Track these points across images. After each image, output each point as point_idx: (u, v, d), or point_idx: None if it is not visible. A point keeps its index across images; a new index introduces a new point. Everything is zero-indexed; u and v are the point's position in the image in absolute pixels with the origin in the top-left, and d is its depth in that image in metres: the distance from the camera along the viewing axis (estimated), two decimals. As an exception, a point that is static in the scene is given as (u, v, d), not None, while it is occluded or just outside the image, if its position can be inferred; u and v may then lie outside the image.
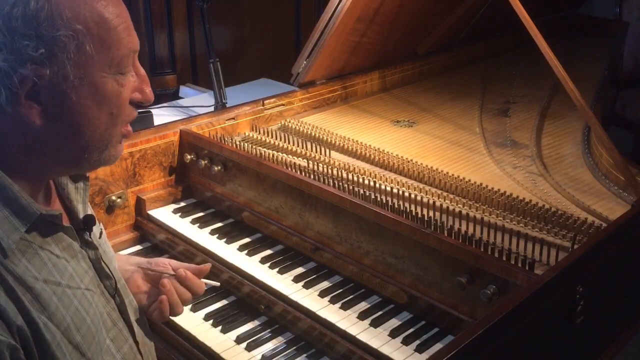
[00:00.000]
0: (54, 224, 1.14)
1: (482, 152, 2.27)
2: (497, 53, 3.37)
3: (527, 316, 1.41)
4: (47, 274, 1.11)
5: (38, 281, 1.08)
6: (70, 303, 1.13)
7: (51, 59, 1.02)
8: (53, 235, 1.14)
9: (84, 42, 1.04)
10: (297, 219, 1.93)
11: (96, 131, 1.11)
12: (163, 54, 3.91)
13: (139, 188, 2.14)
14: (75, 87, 1.06)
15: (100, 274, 1.25)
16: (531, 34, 1.98)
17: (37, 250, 1.11)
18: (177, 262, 1.49)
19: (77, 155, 1.13)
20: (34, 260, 1.09)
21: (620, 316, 1.97)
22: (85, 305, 1.16)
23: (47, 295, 1.09)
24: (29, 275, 1.07)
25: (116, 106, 1.12)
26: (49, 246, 1.13)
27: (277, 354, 1.63)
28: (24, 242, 1.09)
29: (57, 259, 1.14)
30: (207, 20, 2.62)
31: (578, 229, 1.74)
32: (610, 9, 4.37)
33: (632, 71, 4.19)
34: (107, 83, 1.09)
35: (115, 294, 1.28)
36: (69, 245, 1.18)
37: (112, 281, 1.28)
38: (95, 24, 1.05)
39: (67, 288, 1.14)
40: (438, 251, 1.61)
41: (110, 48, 1.08)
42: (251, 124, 2.37)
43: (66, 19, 1.02)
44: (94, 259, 1.24)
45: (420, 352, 1.54)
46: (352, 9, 2.42)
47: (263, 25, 4.38)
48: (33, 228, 1.10)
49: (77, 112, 1.08)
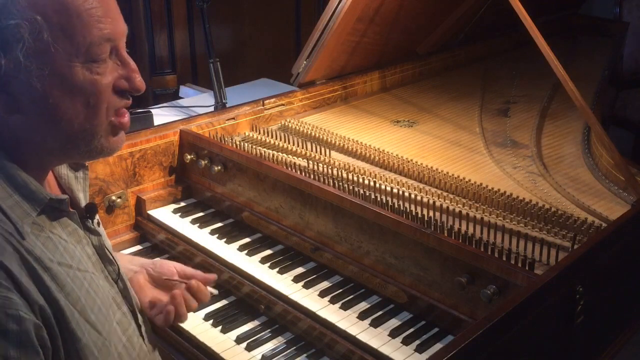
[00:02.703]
0: (60, 209, 1.16)
1: (482, 152, 2.27)
2: (497, 53, 3.37)
3: (527, 316, 1.41)
4: (60, 257, 1.13)
5: (53, 263, 1.10)
6: (81, 285, 1.15)
7: (5, 49, 1.00)
8: (59, 220, 1.16)
9: (41, 30, 1.01)
10: (297, 219, 1.93)
11: (74, 121, 1.09)
12: (163, 54, 3.91)
13: (139, 188, 2.14)
14: (38, 77, 1.03)
15: (104, 260, 1.27)
16: (531, 34, 1.98)
17: (49, 234, 1.13)
18: (181, 266, 1.50)
19: (63, 146, 1.12)
20: (47, 244, 1.11)
21: (620, 316, 1.97)
22: (94, 287, 1.18)
23: (62, 276, 1.11)
24: (45, 257, 1.09)
25: (93, 95, 1.08)
26: (57, 230, 1.15)
27: (277, 354, 1.63)
28: (37, 226, 1.11)
29: (66, 243, 1.16)
30: (207, 20, 2.62)
31: (578, 229, 1.74)
32: (610, 9, 4.36)
33: (632, 71, 4.19)
34: (77, 72, 1.06)
35: (118, 279, 1.30)
36: (75, 230, 1.20)
37: (115, 267, 1.29)
38: (55, 12, 1.02)
39: (78, 271, 1.16)
40: (438, 251, 1.61)
41: (74, 36, 1.04)
42: (251, 124, 2.37)
43: (21, 7, 1.00)
44: (97, 245, 1.26)
45: (420, 352, 1.54)
46: (352, 9, 2.42)
47: (263, 25, 4.38)
48: (42, 213, 1.12)
49: (46, 102, 1.05)
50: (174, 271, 1.48)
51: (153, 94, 3.83)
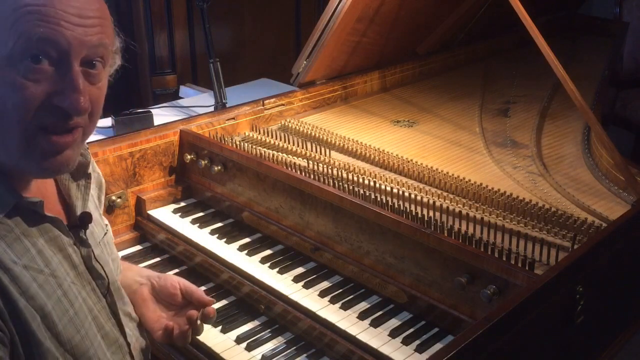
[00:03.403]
0: (38, 214, 1.14)
1: (482, 152, 2.27)
2: (497, 53, 3.37)
3: (527, 316, 1.41)
4: (29, 261, 1.11)
5: (17, 265, 1.08)
6: (52, 292, 1.13)
7: None
8: (39, 225, 1.14)
9: None
10: (297, 219, 1.93)
11: None
12: (163, 54, 3.91)
13: (139, 188, 2.14)
14: None
15: (92, 272, 1.25)
16: (531, 34, 1.98)
17: (20, 236, 1.11)
18: (184, 282, 1.50)
19: None
20: (14, 245, 1.09)
21: (620, 316, 1.97)
22: (70, 297, 1.16)
23: (26, 279, 1.09)
24: (6, 257, 1.07)
25: (8, 106, 0.97)
26: (33, 234, 1.13)
27: (277, 354, 1.63)
28: (4, 226, 1.09)
29: (42, 248, 1.14)
30: (207, 20, 2.62)
31: (578, 229, 1.74)
32: (610, 9, 4.36)
33: (632, 71, 4.19)
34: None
35: (107, 293, 1.28)
36: (57, 237, 1.18)
37: (104, 281, 1.28)
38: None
39: (51, 277, 1.14)
40: (438, 251, 1.61)
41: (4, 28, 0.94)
42: (251, 124, 2.37)
43: None
44: (85, 256, 1.24)
45: (420, 352, 1.54)
46: (352, 9, 2.42)
47: (263, 25, 4.38)
48: (14, 214, 1.10)
49: None
50: (176, 286, 1.48)
51: (153, 94, 3.82)
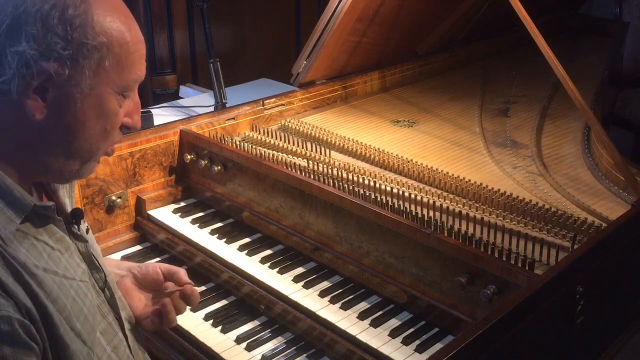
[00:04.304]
0: (45, 216, 1.17)
1: (482, 152, 2.27)
2: (497, 53, 3.37)
3: (527, 316, 1.41)
4: (45, 264, 1.13)
5: (39, 269, 1.11)
6: (67, 292, 1.15)
7: (73, 62, 1.09)
8: (45, 227, 1.17)
9: (106, 56, 1.12)
10: (297, 219, 1.93)
11: (88, 140, 1.16)
12: (163, 54, 3.91)
13: (139, 188, 2.14)
14: (83, 94, 1.12)
15: (91, 267, 1.27)
16: (531, 34, 1.98)
17: (33, 241, 1.13)
18: (166, 265, 1.50)
19: (62, 161, 1.17)
20: (31, 251, 1.12)
21: (620, 316, 1.97)
22: (81, 296, 1.18)
23: (48, 282, 1.12)
24: (30, 262, 1.10)
25: (111, 123, 1.18)
26: (43, 237, 1.16)
27: (277, 354, 1.63)
28: (20, 233, 1.11)
29: (52, 250, 1.16)
30: (207, 20, 2.62)
31: (578, 229, 1.74)
32: (610, 9, 4.37)
33: (632, 71, 4.19)
34: (111, 100, 1.16)
35: (105, 287, 1.30)
36: (62, 237, 1.20)
37: (101, 274, 1.30)
38: (119, 44, 1.13)
39: (64, 278, 1.16)
40: (438, 251, 1.61)
41: (124, 70, 1.15)
42: (251, 124, 2.37)
43: (96, 31, 1.10)
44: (84, 252, 1.26)
45: (420, 352, 1.54)
46: (352, 9, 2.42)
47: (263, 25, 4.38)
48: (26, 220, 1.13)
49: (76, 117, 1.13)
50: (158, 271, 1.47)
51: (153, 94, 3.82)
